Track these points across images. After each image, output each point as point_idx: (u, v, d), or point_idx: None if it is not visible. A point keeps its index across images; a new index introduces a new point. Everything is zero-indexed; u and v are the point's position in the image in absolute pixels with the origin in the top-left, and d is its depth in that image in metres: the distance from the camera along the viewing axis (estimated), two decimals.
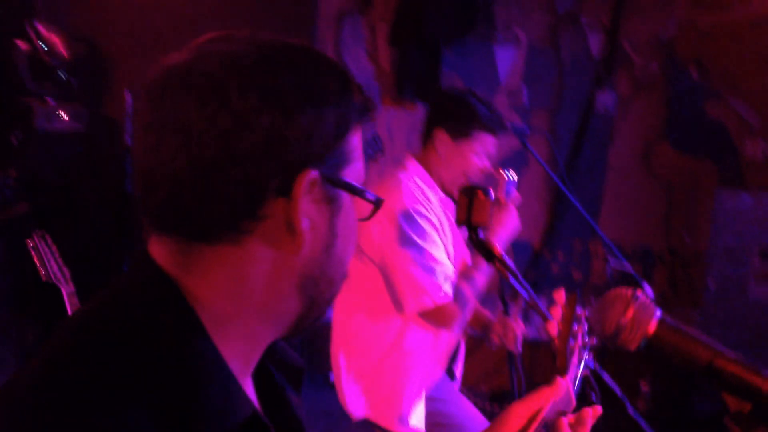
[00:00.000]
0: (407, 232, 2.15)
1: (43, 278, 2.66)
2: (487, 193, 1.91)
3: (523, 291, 1.68)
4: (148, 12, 4.39)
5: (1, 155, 4.01)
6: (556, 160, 4.21)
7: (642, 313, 0.93)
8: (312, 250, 0.78)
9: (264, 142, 0.72)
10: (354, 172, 0.81)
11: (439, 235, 2.24)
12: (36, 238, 2.70)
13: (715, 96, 4.22)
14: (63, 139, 4.11)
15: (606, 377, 1.60)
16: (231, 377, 0.75)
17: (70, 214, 4.10)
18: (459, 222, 1.94)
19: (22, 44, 3.98)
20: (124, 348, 0.71)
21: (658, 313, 0.94)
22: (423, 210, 2.20)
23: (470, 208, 1.90)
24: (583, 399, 2.40)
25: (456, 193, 2.32)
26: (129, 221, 4.57)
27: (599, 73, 4.27)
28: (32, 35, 4.01)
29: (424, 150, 2.33)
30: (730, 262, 4.05)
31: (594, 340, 1.24)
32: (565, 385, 1.10)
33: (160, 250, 0.77)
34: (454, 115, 2.26)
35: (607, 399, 1.27)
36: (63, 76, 4.12)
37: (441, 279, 2.16)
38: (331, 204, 0.79)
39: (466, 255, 2.39)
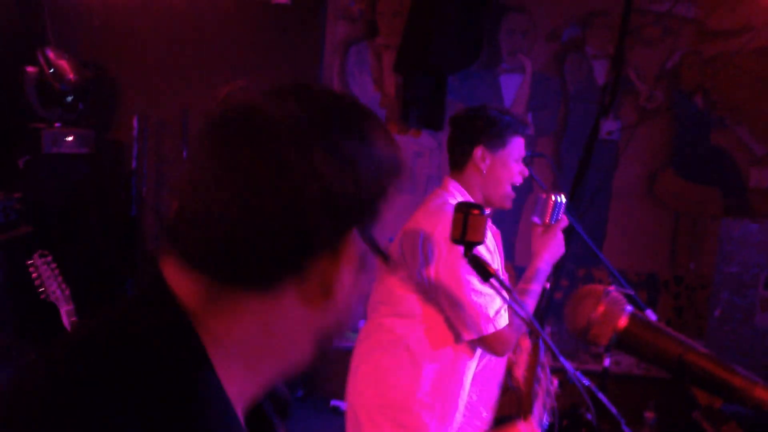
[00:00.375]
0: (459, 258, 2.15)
1: (42, 297, 2.69)
2: (481, 210, 1.93)
3: (521, 311, 1.67)
4: (155, 39, 4.44)
5: (8, 178, 4.05)
6: (560, 187, 4.22)
7: (613, 308, 0.94)
8: (337, 311, 0.78)
9: (328, 200, 0.71)
10: (378, 230, 0.81)
11: (492, 259, 2.24)
12: (36, 258, 2.72)
13: (719, 124, 4.23)
14: (69, 161, 4.15)
15: (602, 398, 1.59)
16: (234, 415, 0.74)
17: (74, 236, 4.12)
18: (454, 239, 1.92)
19: (30, 70, 4.03)
20: (122, 366, 0.70)
21: (629, 308, 0.95)
22: None
23: (465, 225, 1.89)
24: (579, 419, 2.38)
25: (501, 207, 2.38)
26: (132, 243, 4.59)
27: (604, 101, 4.28)
28: (41, 61, 4.06)
29: (461, 173, 2.36)
30: (735, 290, 4.04)
31: (556, 386, 1.30)
32: (529, 428, 1.12)
33: (183, 282, 0.76)
34: (488, 130, 2.31)
35: (604, 420, 1.25)
36: (70, 101, 4.16)
37: (498, 303, 2.15)
38: (361, 263, 0.78)
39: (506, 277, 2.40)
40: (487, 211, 2.32)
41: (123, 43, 4.44)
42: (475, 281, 2.11)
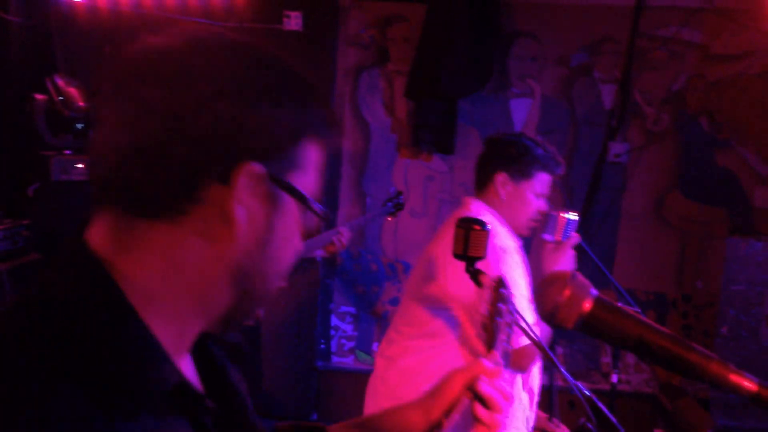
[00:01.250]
0: (504, 270, 2.15)
1: None
2: (483, 226, 1.93)
3: (527, 327, 1.68)
4: None
5: (17, 206, 4.05)
6: (569, 207, 4.27)
7: (578, 292, 0.95)
8: (247, 243, 0.79)
9: (213, 127, 0.74)
10: (305, 181, 0.83)
11: (521, 274, 2.26)
12: None
13: (725, 145, 4.31)
14: (78, 188, 4.15)
15: (603, 408, 1.63)
16: (157, 348, 0.76)
17: None
18: (455, 254, 1.94)
19: (40, 97, 4.04)
20: (50, 325, 0.72)
21: (594, 292, 0.96)
22: (505, 245, 2.23)
23: (467, 240, 1.91)
24: (582, 429, 2.40)
25: (523, 234, 2.39)
26: None
27: (612, 124, 4.35)
28: (51, 89, 4.08)
29: (483, 193, 2.38)
30: (741, 308, 4.09)
31: (518, 318, 1.33)
32: (492, 360, 1.17)
33: (97, 229, 0.79)
34: (515, 159, 2.33)
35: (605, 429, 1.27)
36: (80, 128, 4.17)
37: (531, 317, 2.17)
38: (273, 202, 0.80)
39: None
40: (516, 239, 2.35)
41: None
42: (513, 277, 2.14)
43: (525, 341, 2.18)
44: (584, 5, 4.31)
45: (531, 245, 4.38)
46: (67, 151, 4.12)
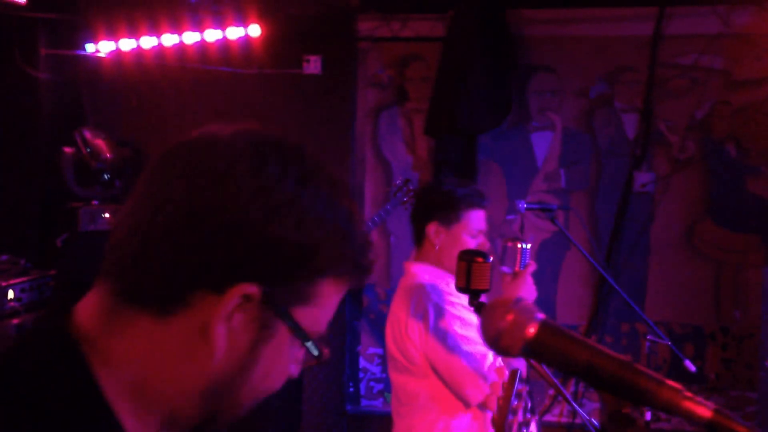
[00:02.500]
0: (442, 327, 2.17)
1: None
2: (485, 258, 1.92)
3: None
4: (191, 115, 4.57)
5: (46, 257, 4.12)
6: (592, 242, 4.20)
7: (521, 316, 0.91)
8: (225, 365, 0.75)
9: (231, 231, 0.71)
10: (311, 317, 0.78)
11: (470, 319, 2.25)
12: None
13: (754, 171, 4.22)
14: (106, 238, 4.21)
15: None
16: None
17: None
18: (459, 288, 1.94)
19: (68, 150, 4.15)
20: (10, 398, 0.69)
21: (540, 316, 0.92)
22: (448, 297, 2.25)
23: (469, 273, 1.91)
24: None
25: None
26: None
27: (636, 154, 4.30)
28: (79, 141, 4.19)
29: (420, 251, 2.41)
30: None
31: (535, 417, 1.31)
32: None
33: (90, 304, 0.77)
34: (440, 205, 2.36)
35: None
36: (107, 179, 4.26)
37: (491, 358, 2.15)
38: (263, 329, 0.75)
39: None
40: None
41: (160, 121, 4.57)
42: (462, 345, 2.14)
43: None
44: (601, 36, 4.31)
45: None
46: (95, 202, 4.21)
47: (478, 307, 1.89)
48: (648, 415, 3.57)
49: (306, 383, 4.40)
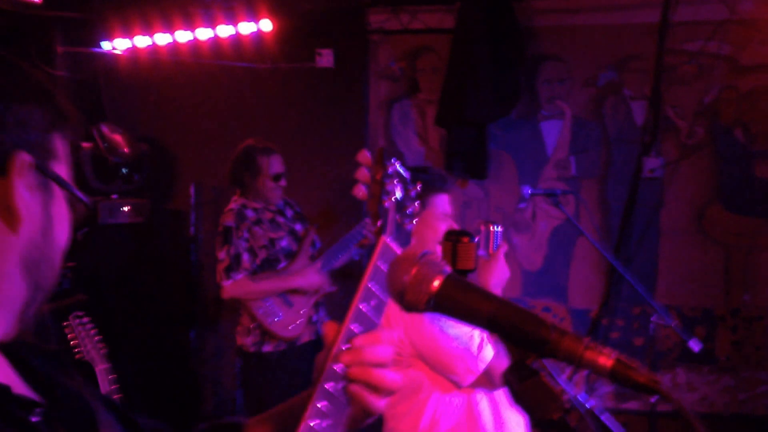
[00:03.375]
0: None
1: (78, 356, 2.78)
2: (471, 238, 1.95)
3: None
4: (208, 110, 4.64)
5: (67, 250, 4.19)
6: (598, 230, 4.26)
7: (426, 270, 0.89)
8: (31, 232, 0.82)
9: None
10: (63, 170, 0.87)
11: None
12: (71, 318, 2.83)
13: (762, 156, 4.26)
14: (125, 231, 4.29)
15: (606, 420, 1.60)
16: None
17: (133, 301, 4.24)
18: None
19: (86, 145, 4.21)
20: None
21: (447, 270, 0.90)
22: None
23: (455, 253, 1.94)
24: None
25: None
26: (193, 304, 4.71)
27: (644, 140, 4.35)
28: (96, 136, 4.25)
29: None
30: None
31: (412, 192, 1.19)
32: (385, 244, 1.07)
33: None
34: None
35: None
36: (125, 173, 4.33)
37: (477, 338, 2.15)
38: (45, 191, 0.83)
39: None
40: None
41: (177, 116, 4.65)
42: (445, 328, 2.12)
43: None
44: (608, 25, 4.35)
45: None
46: (114, 196, 4.28)
47: None
48: (653, 399, 3.63)
49: None
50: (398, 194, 1.16)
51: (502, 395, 2.32)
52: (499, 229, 2.31)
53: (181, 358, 4.69)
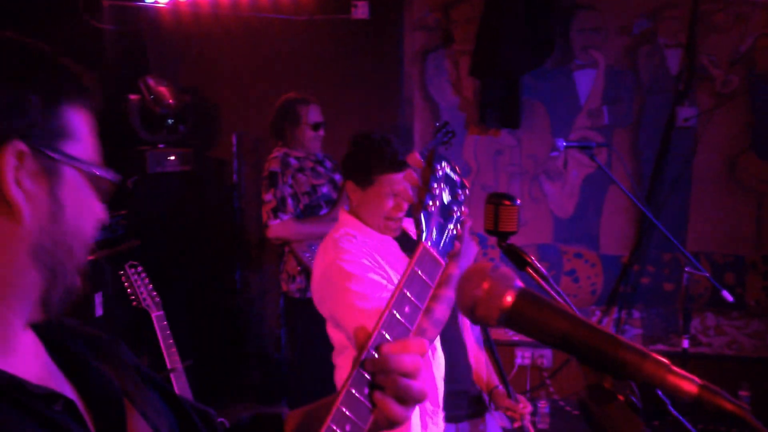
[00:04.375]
0: (345, 284, 2.14)
1: (134, 304, 2.95)
2: (513, 201, 1.91)
3: (558, 298, 1.69)
4: (248, 61, 4.74)
5: (118, 198, 4.37)
6: (631, 179, 4.30)
7: (498, 284, 0.86)
8: (37, 221, 0.78)
9: None
10: (81, 147, 0.82)
11: (378, 273, 2.21)
12: (127, 268, 2.99)
13: None
14: (172, 179, 4.46)
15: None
16: None
17: (180, 246, 4.45)
18: (487, 230, 1.91)
19: (133, 97, 4.37)
20: None
21: (518, 284, 0.87)
22: (355, 249, 2.22)
23: (497, 216, 1.90)
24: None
25: (389, 235, 2.35)
26: (236, 249, 4.92)
27: (679, 89, 4.35)
28: (143, 89, 4.40)
29: (349, 202, 2.42)
30: None
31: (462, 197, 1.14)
32: (423, 249, 1.04)
33: None
34: (356, 166, 2.35)
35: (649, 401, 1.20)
36: (171, 123, 4.48)
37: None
38: (50, 176, 0.79)
39: None
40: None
41: (218, 68, 4.77)
42: (361, 298, 2.08)
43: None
44: None
45: None
46: (161, 145, 4.45)
47: (506, 249, 1.92)
48: (685, 343, 3.72)
49: None
50: (445, 198, 1.11)
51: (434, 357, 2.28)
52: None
53: (226, 299, 4.94)
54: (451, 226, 1.09)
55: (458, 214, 1.11)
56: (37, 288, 0.80)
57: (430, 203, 1.08)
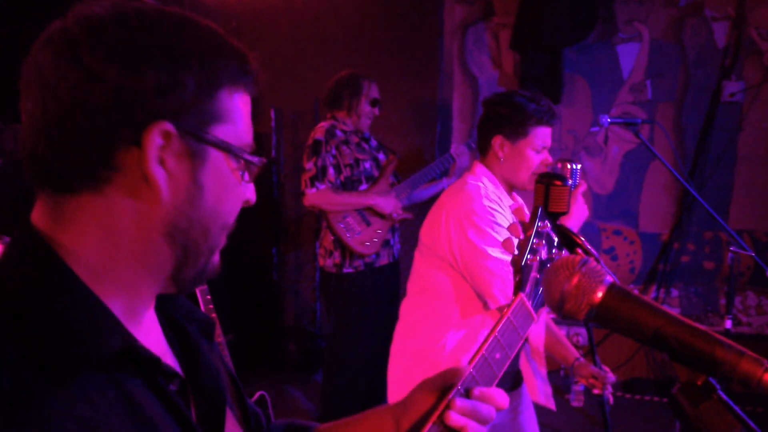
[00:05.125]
0: (483, 227, 2.17)
1: None
2: (564, 181, 1.91)
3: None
4: (287, 36, 4.74)
5: None
6: (676, 154, 4.24)
7: (588, 279, 0.85)
8: (175, 201, 0.79)
9: (111, 94, 0.74)
10: (231, 132, 0.81)
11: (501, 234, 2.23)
12: None
13: None
14: None
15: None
16: (101, 311, 0.77)
17: None
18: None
19: None
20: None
21: (608, 279, 0.86)
22: (495, 206, 2.23)
23: (547, 196, 1.91)
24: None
25: (525, 189, 2.35)
26: (275, 222, 4.96)
27: (725, 63, 4.25)
28: None
29: (485, 158, 2.37)
30: None
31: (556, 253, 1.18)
32: (521, 300, 1.07)
33: (37, 209, 0.80)
34: (508, 119, 2.28)
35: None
36: None
37: None
38: (194, 158, 0.79)
39: None
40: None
41: (258, 42, 4.78)
42: (497, 252, 2.13)
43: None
44: None
45: None
46: None
47: (558, 231, 1.91)
48: (728, 323, 3.68)
49: None
50: (543, 255, 1.17)
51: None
52: (578, 167, 2.24)
53: (264, 273, 4.99)
54: (539, 287, 1.13)
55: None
56: (170, 265, 0.82)
57: (530, 257, 1.13)
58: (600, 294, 0.84)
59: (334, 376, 3.71)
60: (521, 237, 1.15)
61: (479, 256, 2.17)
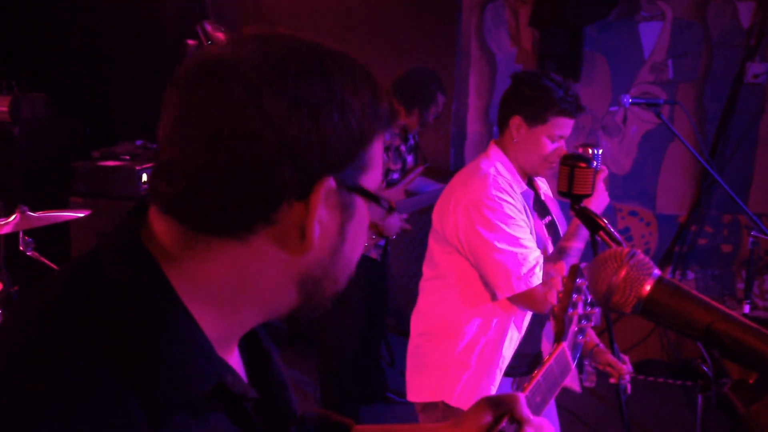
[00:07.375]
0: (492, 219, 2.13)
1: None
2: (588, 163, 1.88)
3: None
4: (303, 9, 4.72)
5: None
6: (697, 135, 4.18)
7: (636, 273, 0.84)
8: (319, 254, 0.77)
9: (288, 147, 0.70)
10: (372, 178, 0.79)
11: (523, 220, 2.21)
12: None
13: None
14: None
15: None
16: (203, 344, 0.75)
17: None
18: (560, 192, 1.89)
19: (191, 42, 4.39)
20: (93, 308, 0.71)
21: (656, 272, 0.85)
22: (505, 196, 2.18)
23: (572, 178, 1.89)
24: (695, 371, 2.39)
25: (535, 175, 2.30)
26: None
27: (750, 44, 4.17)
28: (200, 34, 4.42)
29: (501, 136, 2.31)
30: None
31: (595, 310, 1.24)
32: (562, 350, 1.10)
33: (160, 228, 0.76)
34: (531, 102, 2.20)
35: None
36: None
37: (531, 262, 2.11)
38: (345, 210, 0.77)
39: (547, 241, 2.35)
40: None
41: (274, 18, 4.76)
42: (504, 241, 2.10)
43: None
44: None
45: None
46: None
47: (579, 212, 1.87)
48: (746, 308, 3.65)
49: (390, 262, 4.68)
50: (582, 309, 1.23)
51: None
52: (599, 151, 2.21)
53: None
54: (581, 338, 1.19)
55: (586, 324, 1.22)
56: (290, 308, 0.81)
57: (571, 311, 1.18)
58: (648, 287, 0.83)
59: (326, 350, 3.59)
60: (560, 289, 1.19)
61: (487, 248, 2.14)
